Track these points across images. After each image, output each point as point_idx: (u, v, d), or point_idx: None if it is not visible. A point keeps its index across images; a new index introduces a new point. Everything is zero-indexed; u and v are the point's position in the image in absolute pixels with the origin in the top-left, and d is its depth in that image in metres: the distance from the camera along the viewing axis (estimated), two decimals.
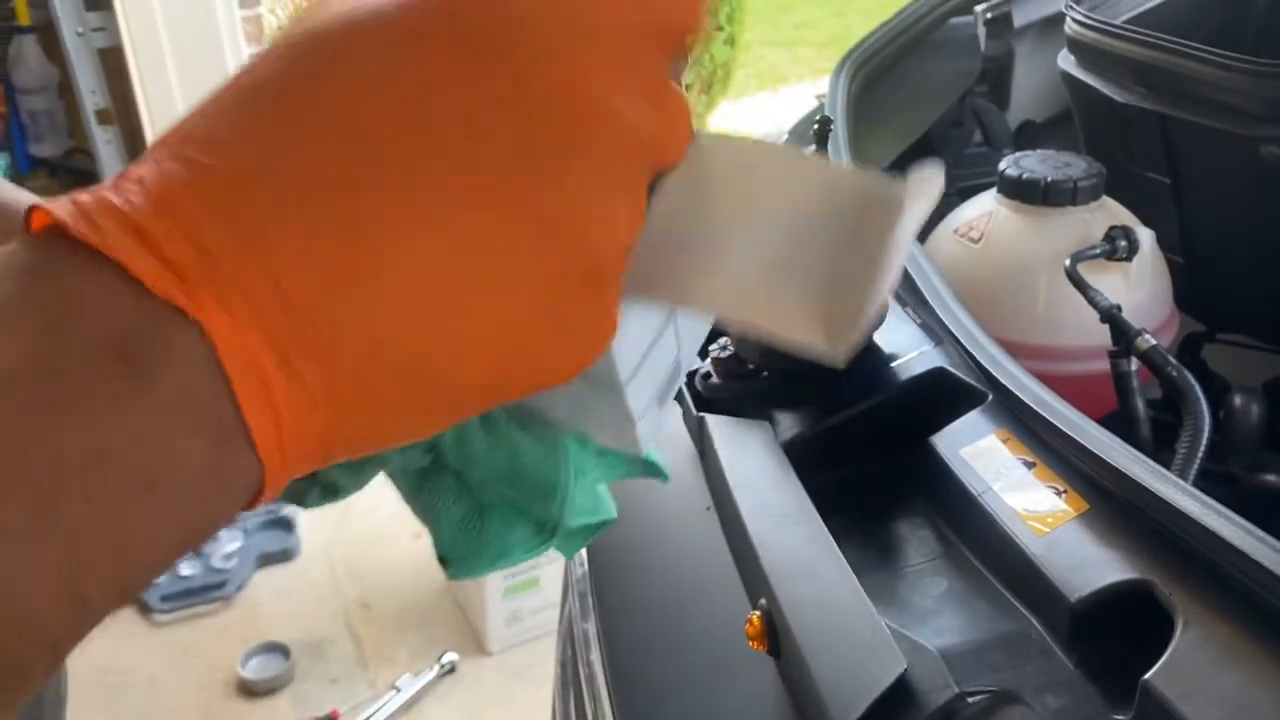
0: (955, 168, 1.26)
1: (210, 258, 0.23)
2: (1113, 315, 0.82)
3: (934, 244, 1.02)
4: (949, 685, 0.54)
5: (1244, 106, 0.91)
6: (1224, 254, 1.04)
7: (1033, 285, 0.92)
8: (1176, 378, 0.77)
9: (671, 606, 0.73)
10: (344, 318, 0.24)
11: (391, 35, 0.25)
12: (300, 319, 0.23)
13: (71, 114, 2.42)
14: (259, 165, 0.24)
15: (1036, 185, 0.93)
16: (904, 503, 0.74)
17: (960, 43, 1.29)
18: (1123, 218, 0.94)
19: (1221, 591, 0.53)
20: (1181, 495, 0.57)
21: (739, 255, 0.30)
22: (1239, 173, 0.96)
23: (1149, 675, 0.49)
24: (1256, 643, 0.51)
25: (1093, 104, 1.08)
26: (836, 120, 1.05)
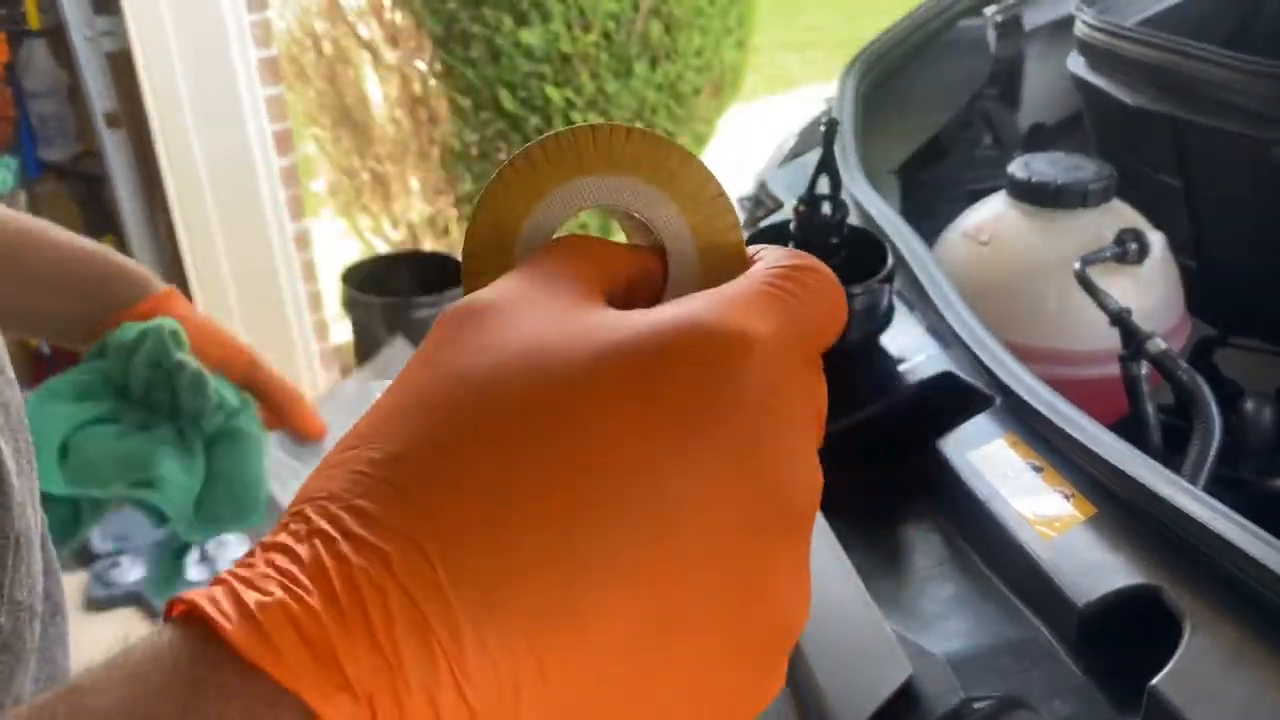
0: (965, 170, 1.25)
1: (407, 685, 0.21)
2: (1123, 319, 0.82)
3: (943, 246, 1.01)
4: (955, 691, 0.53)
5: (1255, 109, 0.90)
6: (1236, 257, 1.03)
7: (1042, 288, 0.92)
8: (1187, 382, 0.76)
9: None
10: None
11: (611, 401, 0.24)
12: None
13: (80, 118, 2.43)
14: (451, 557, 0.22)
15: (1047, 188, 0.92)
16: (911, 507, 0.73)
17: (970, 45, 1.29)
18: (1133, 221, 0.94)
19: (1230, 596, 0.53)
20: (1190, 500, 0.57)
21: None
22: (1251, 175, 0.96)
23: (1157, 680, 0.49)
24: (1265, 648, 0.50)
25: (1103, 106, 1.08)
26: (844, 122, 1.05)
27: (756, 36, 3.39)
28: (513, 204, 0.32)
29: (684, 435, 0.24)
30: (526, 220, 0.32)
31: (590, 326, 0.26)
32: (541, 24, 2.82)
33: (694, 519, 0.24)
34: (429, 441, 0.24)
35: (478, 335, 0.26)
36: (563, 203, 0.32)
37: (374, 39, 3.11)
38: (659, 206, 0.32)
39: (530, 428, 0.24)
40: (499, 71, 2.88)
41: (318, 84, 3.25)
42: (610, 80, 2.94)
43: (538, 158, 0.31)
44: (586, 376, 0.24)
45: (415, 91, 3.07)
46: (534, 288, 0.28)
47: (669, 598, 0.24)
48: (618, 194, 0.32)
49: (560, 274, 0.29)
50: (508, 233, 0.32)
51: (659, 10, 2.92)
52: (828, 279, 0.30)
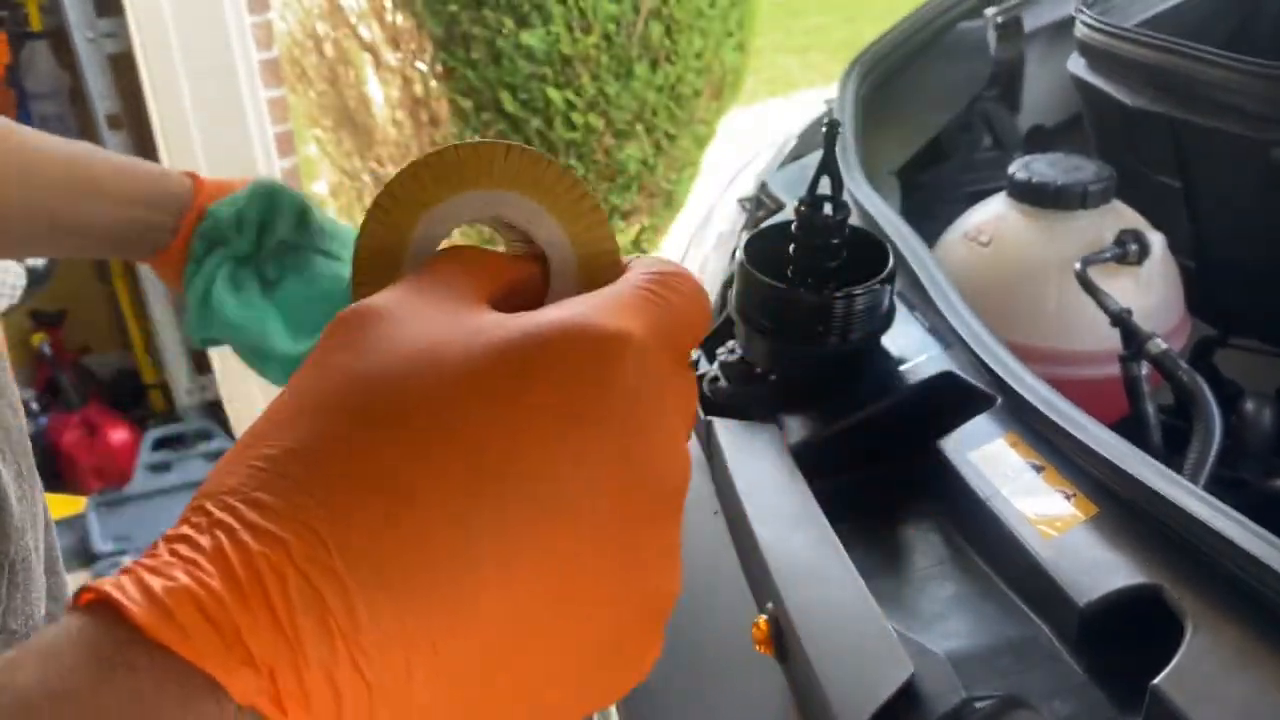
0: (965, 171, 1.25)
1: (303, 656, 0.22)
2: (1123, 319, 0.82)
3: (944, 247, 1.01)
4: (957, 690, 0.53)
5: (1255, 110, 0.90)
6: (1236, 258, 1.04)
7: (1043, 289, 0.92)
8: (1188, 382, 0.76)
9: (678, 610, 0.72)
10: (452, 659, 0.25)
11: (498, 394, 0.26)
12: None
13: (82, 119, 2.43)
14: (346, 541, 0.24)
15: (1047, 189, 0.93)
16: (912, 507, 0.73)
17: (970, 47, 1.29)
18: (1133, 221, 0.94)
19: (1231, 596, 0.53)
20: (1191, 499, 0.57)
21: None
22: (1250, 176, 0.96)
23: (1158, 680, 0.49)
24: (1266, 647, 0.50)
25: (1103, 107, 1.08)
26: (845, 124, 1.05)
27: (757, 39, 3.39)
28: (399, 218, 0.33)
29: (566, 425, 0.26)
30: (413, 233, 0.33)
31: (476, 327, 0.28)
32: (542, 26, 2.82)
33: (577, 501, 0.26)
34: (323, 435, 0.25)
35: (368, 338, 0.27)
36: (447, 216, 0.33)
37: (375, 41, 3.11)
38: (539, 218, 0.34)
39: (420, 420, 0.25)
40: (500, 73, 2.89)
41: (319, 86, 3.26)
42: (611, 82, 2.94)
43: (422, 174, 0.33)
44: (475, 372, 0.26)
45: (416, 93, 3.07)
46: (421, 295, 0.29)
47: (555, 573, 0.26)
48: (499, 207, 0.33)
49: (446, 282, 0.30)
50: (396, 246, 0.33)
51: (660, 12, 2.93)
52: (693, 284, 0.32)
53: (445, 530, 0.24)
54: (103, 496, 2.55)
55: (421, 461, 0.25)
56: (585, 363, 0.27)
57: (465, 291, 0.30)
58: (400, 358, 0.26)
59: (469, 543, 0.25)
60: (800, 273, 0.79)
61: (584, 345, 0.27)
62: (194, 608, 0.22)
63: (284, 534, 0.23)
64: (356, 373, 0.26)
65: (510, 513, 0.25)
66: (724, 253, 1.17)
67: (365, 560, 0.23)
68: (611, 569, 0.27)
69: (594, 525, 0.27)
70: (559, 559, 0.26)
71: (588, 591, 0.27)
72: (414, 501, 0.24)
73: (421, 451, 0.25)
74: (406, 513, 0.24)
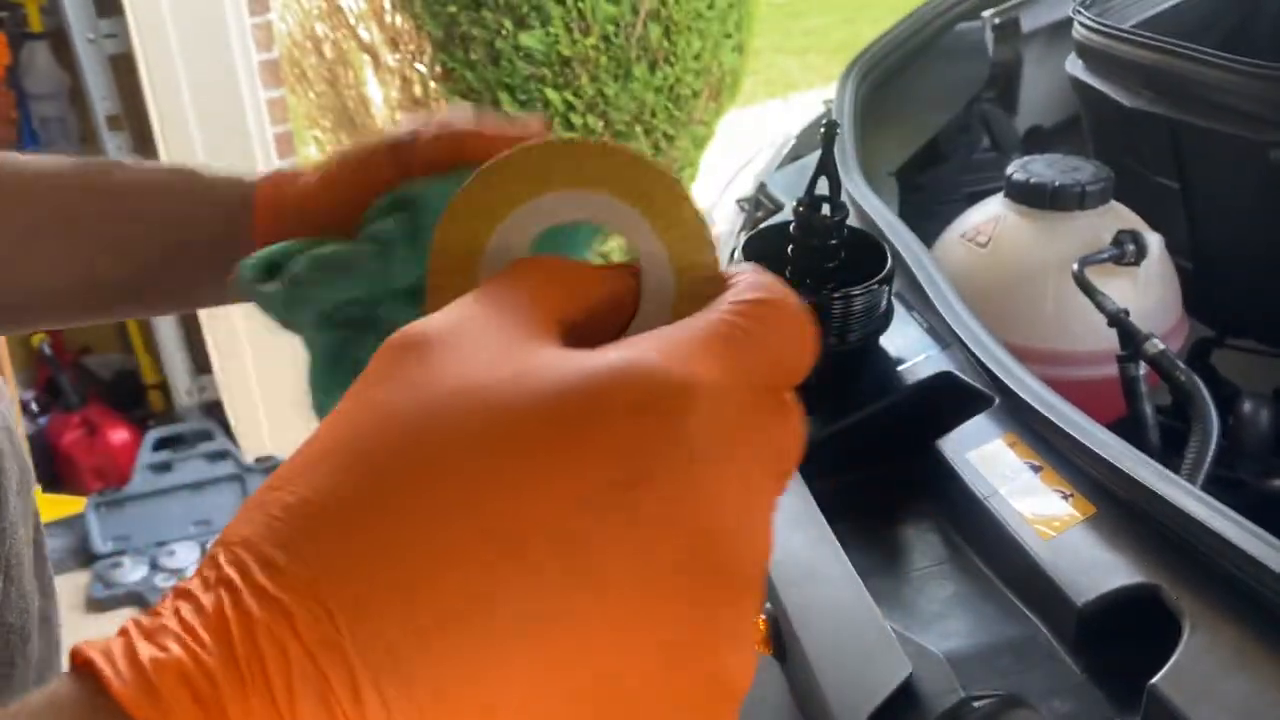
0: (963, 172, 1.26)
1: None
2: (1121, 320, 0.82)
3: (941, 248, 1.01)
4: (955, 689, 0.53)
5: (1253, 111, 0.90)
6: (1233, 258, 1.04)
7: (1041, 289, 0.92)
8: (1185, 383, 0.76)
9: None
10: None
11: (540, 453, 0.23)
12: None
13: (83, 120, 2.43)
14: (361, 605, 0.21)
15: (1044, 189, 0.93)
16: (910, 506, 0.73)
17: (968, 48, 1.29)
18: (1131, 222, 0.94)
19: (1229, 595, 0.53)
20: (1189, 499, 0.57)
21: None
22: (1248, 177, 0.96)
23: (1156, 679, 0.49)
24: (1264, 647, 0.50)
25: (1101, 108, 1.08)
26: (843, 125, 1.05)
27: (755, 40, 3.39)
28: (475, 223, 0.30)
29: (613, 491, 0.23)
30: (491, 238, 0.31)
31: (527, 368, 0.24)
32: (541, 27, 2.82)
33: (625, 582, 0.23)
34: (348, 489, 0.23)
35: (411, 372, 0.25)
36: (529, 221, 0.31)
37: (374, 42, 3.11)
38: (634, 225, 0.31)
39: (452, 480, 0.23)
40: (499, 74, 2.89)
41: (319, 87, 3.26)
42: (610, 83, 2.94)
43: (502, 173, 0.30)
44: (514, 425, 0.23)
45: (416, 94, 3.07)
46: (482, 318, 0.26)
47: (597, 668, 0.23)
48: (589, 210, 0.31)
49: (514, 302, 0.27)
50: (472, 251, 0.31)
51: (658, 14, 2.93)
52: (794, 314, 0.28)
53: (470, 615, 0.22)
54: (102, 497, 2.55)
55: (449, 530, 0.22)
56: (643, 418, 0.23)
57: (533, 314, 0.27)
58: (441, 400, 0.24)
59: (494, 631, 0.22)
60: (799, 273, 0.79)
61: (642, 397, 0.24)
62: (181, 685, 0.20)
63: (291, 604, 0.21)
64: (392, 413, 0.24)
65: (547, 598, 0.22)
66: (723, 253, 1.18)
67: (378, 643, 0.21)
68: (667, 662, 0.23)
69: (646, 611, 0.23)
70: (602, 652, 0.23)
71: (636, 689, 0.23)
72: (437, 580, 0.22)
73: (450, 518, 0.22)
74: (427, 591, 0.22)
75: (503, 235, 0.31)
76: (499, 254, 0.31)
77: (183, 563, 2.45)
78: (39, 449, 2.58)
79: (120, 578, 2.40)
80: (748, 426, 0.26)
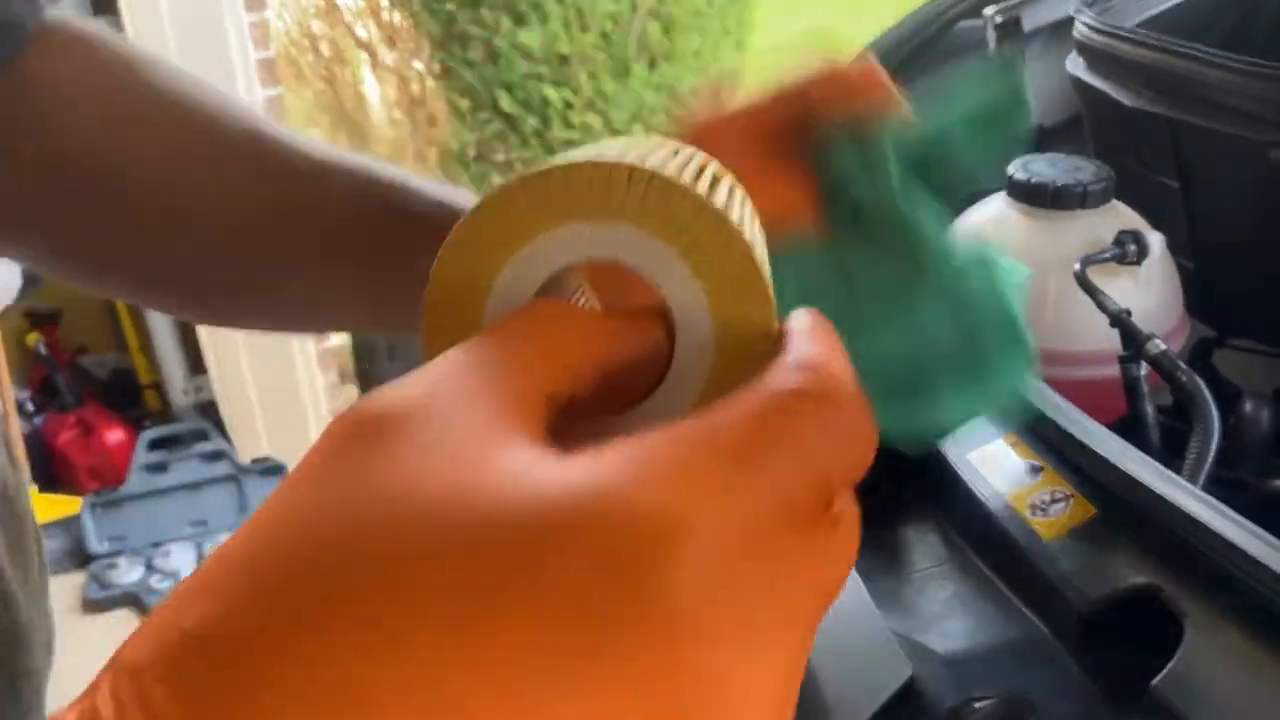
0: None
1: None
2: (1122, 319, 0.82)
3: None
4: (955, 691, 0.53)
5: (1255, 111, 0.90)
6: (1235, 258, 1.03)
7: (1042, 289, 0.92)
8: (1186, 383, 0.76)
9: None
10: None
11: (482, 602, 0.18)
12: None
13: None
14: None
15: (1045, 189, 0.92)
16: (910, 507, 0.73)
17: (969, 47, 1.29)
18: (1132, 222, 0.94)
19: (1230, 597, 0.53)
20: (1190, 500, 0.57)
21: None
22: (1250, 177, 0.96)
23: (1157, 681, 0.49)
24: (1265, 648, 0.50)
25: (1102, 108, 1.08)
26: None
27: (755, 38, 3.39)
28: (486, 251, 0.26)
29: (567, 658, 0.18)
30: (501, 273, 0.26)
31: (482, 483, 0.20)
32: (539, 25, 2.82)
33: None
34: (253, 617, 0.19)
35: (356, 466, 0.20)
36: (547, 254, 0.26)
37: (372, 40, 3.11)
38: (669, 269, 0.26)
39: (371, 623, 0.18)
40: (497, 72, 2.89)
41: (316, 85, 3.25)
42: (608, 81, 2.94)
43: (518, 196, 0.26)
44: (454, 560, 0.19)
45: (413, 92, 3.07)
46: (456, 393, 0.22)
47: None
48: (617, 249, 0.26)
49: (502, 369, 0.23)
50: (477, 288, 0.26)
51: (657, 11, 2.93)
52: (848, 404, 0.23)
53: None
54: (98, 497, 2.55)
55: (358, 688, 0.18)
56: (607, 571, 0.18)
57: (522, 390, 0.23)
58: (377, 513, 0.20)
59: None
60: None
61: (608, 543, 0.19)
62: None
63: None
64: (322, 519, 0.20)
65: None
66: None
67: None
68: None
69: None
70: None
71: None
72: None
73: (362, 672, 0.18)
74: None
75: (514, 271, 0.26)
76: (508, 293, 0.26)
77: (178, 563, 2.44)
78: (34, 449, 2.58)
79: (116, 579, 2.40)
80: (764, 562, 0.20)
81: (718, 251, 0.26)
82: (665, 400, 0.27)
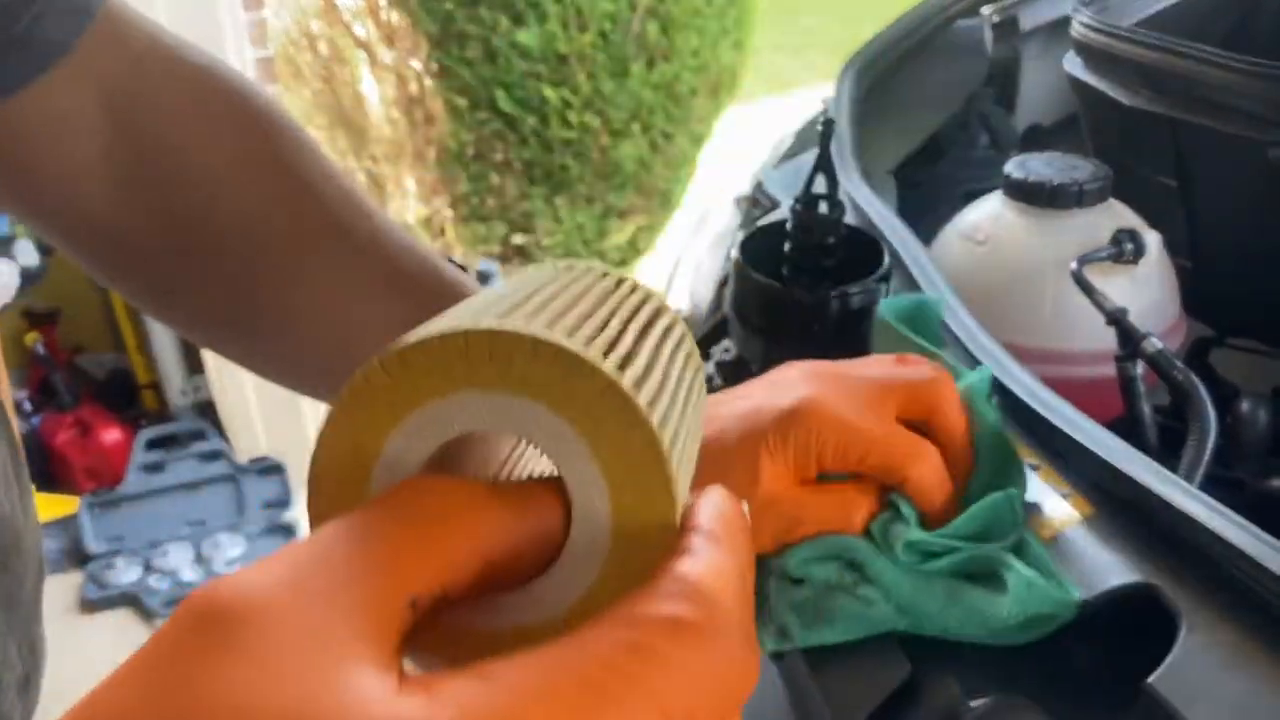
0: (961, 170, 1.25)
1: None
2: (1119, 319, 0.82)
3: (939, 247, 1.01)
4: (953, 689, 0.53)
5: (1253, 110, 0.90)
6: (1233, 258, 1.04)
7: (1038, 288, 0.92)
8: (1183, 382, 0.76)
9: None
10: None
11: None
12: None
13: None
14: None
15: (1043, 188, 0.92)
16: None
17: (967, 46, 1.29)
18: (1130, 221, 0.94)
19: (1226, 595, 0.53)
20: (1186, 498, 0.57)
21: None
22: (1248, 176, 0.96)
23: (1152, 678, 0.49)
24: (1261, 647, 0.50)
25: (1100, 107, 1.08)
26: (841, 123, 1.05)
27: (754, 37, 3.39)
28: (376, 415, 0.25)
29: None
30: (389, 439, 0.25)
31: (317, 708, 0.19)
32: (538, 24, 2.82)
33: None
34: None
35: (201, 660, 0.20)
36: (437, 422, 0.25)
37: (370, 39, 3.11)
38: (569, 451, 0.25)
39: None
40: (495, 71, 2.89)
41: (314, 84, 3.25)
42: (607, 80, 2.94)
43: (413, 359, 0.24)
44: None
45: (411, 91, 3.06)
46: (319, 587, 0.21)
47: None
48: (512, 419, 0.24)
49: (372, 561, 0.22)
50: (365, 453, 0.25)
51: (656, 10, 2.93)
52: (728, 646, 0.22)
53: None
54: (95, 497, 2.55)
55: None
56: None
57: (386, 589, 0.21)
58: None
59: None
60: (796, 271, 0.79)
61: None
62: None
63: None
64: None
65: None
66: (720, 252, 1.17)
67: None
68: None
69: None
70: None
71: None
72: None
73: None
74: None
75: (402, 438, 0.25)
76: (398, 462, 0.25)
77: (176, 563, 2.44)
78: (32, 449, 2.58)
79: (114, 579, 2.40)
80: None
81: (620, 434, 0.24)
82: (555, 584, 0.26)
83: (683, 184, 3.42)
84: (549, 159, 2.95)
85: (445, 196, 3.19)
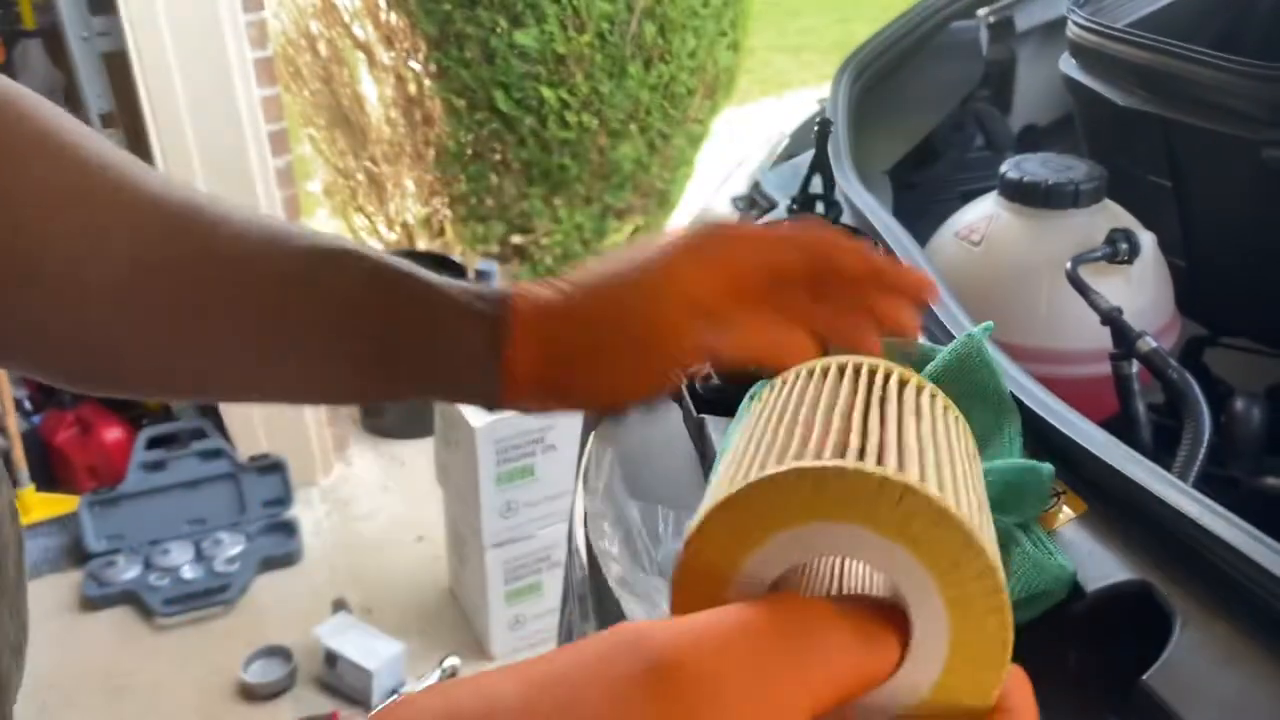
0: (957, 171, 1.26)
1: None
2: (1114, 318, 0.82)
3: (935, 247, 1.02)
4: None
5: (1246, 110, 0.90)
6: (1226, 257, 1.04)
7: (1034, 288, 0.92)
8: (1177, 380, 0.76)
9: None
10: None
11: None
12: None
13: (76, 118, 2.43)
14: None
15: (1038, 188, 0.93)
16: None
17: (963, 47, 1.29)
18: (1124, 220, 0.94)
19: (1220, 592, 0.53)
20: (1180, 496, 0.57)
21: None
22: (1241, 176, 0.96)
23: (1147, 676, 0.49)
24: (1255, 644, 0.51)
25: (1094, 107, 1.08)
26: (837, 123, 1.05)
27: (750, 38, 3.39)
28: (733, 543, 0.27)
29: None
30: (747, 561, 0.27)
31: None
32: (536, 25, 2.82)
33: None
34: None
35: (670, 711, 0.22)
36: (797, 547, 0.26)
37: (369, 40, 3.11)
38: (924, 597, 0.25)
39: None
40: (494, 72, 2.89)
41: (313, 84, 3.25)
42: (604, 81, 2.94)
43: (786, 491, 0.26)
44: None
45: (410, 92, 3.07)
46: (751, 668, 0.23)
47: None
48: (872, 556, 0.26)
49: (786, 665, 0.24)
50: (723, 574, 0.27)
51: (653, 12, 2.93)
52: None
53: None
54: (96, 495, 2.54)
55: None
56: None
57: (795, 695, 0.24)
58: None
59: None
60: None
61: None
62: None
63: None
64: None
65: None
66: None
67: None
68: None
69: None
70: None
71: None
72: None
73: None
74: None
75: (758, 561, 0.27)
76: (750, 580, 0.27)
77: (177, 561, 2.44)
78: (33, 447, 2.58)
79: (114, 576, 2.40)
80: None
81: (981, 610, 0.25)
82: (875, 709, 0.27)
83: (680, 184, 3.42)
84: (547, 159, 2.95)
85: (444, 196, 3.19)
